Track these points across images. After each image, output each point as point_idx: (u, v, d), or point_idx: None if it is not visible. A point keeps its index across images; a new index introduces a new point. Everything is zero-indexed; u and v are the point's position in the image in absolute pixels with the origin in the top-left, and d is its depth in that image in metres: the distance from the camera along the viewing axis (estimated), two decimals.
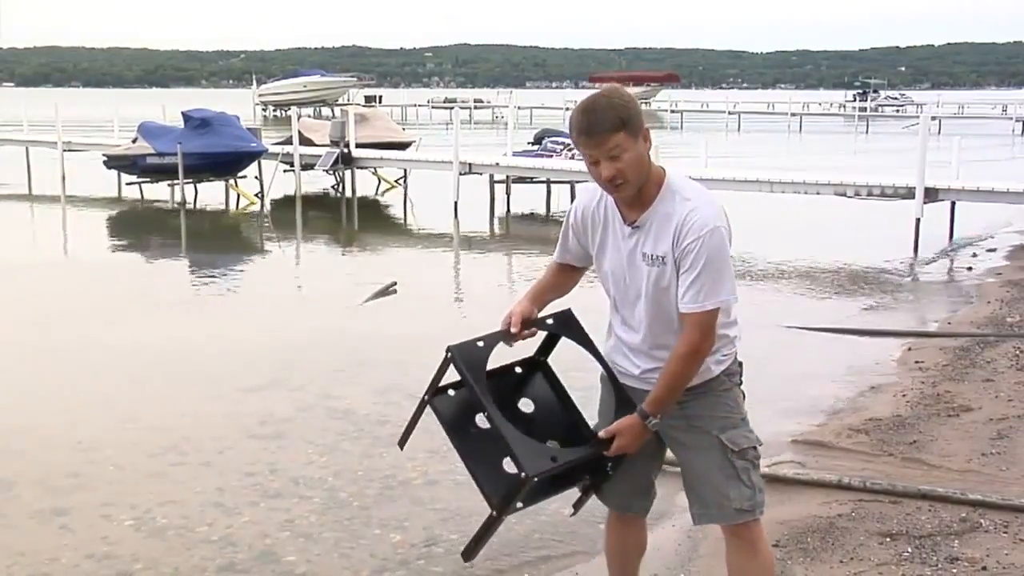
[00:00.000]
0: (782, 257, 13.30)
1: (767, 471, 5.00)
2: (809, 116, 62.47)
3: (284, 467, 5.59)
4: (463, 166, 18.81)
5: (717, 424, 2.90)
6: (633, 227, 2.84)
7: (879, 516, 4.48)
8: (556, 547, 4.49)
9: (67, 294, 10.93)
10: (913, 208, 13.98)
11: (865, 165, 25.13)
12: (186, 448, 5.91)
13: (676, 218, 2.76)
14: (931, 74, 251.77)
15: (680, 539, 4.32)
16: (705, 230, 2.72)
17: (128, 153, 21.03)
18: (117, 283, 11.66)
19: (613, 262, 2.91)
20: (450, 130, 19.65)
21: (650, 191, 2.81)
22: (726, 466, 2.88)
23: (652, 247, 2.81)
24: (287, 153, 21.37)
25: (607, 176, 2.73)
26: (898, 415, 6.11)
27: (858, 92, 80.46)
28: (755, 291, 11.11)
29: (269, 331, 9.19)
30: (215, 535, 4.69)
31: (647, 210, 2.81)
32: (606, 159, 2.71)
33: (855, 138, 46.29)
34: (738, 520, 2.92)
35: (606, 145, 2.69)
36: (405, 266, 13.01)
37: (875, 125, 55.90)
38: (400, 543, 4.60)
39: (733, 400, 2.94)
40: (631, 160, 2.71)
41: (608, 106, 2.70)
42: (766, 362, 7.58)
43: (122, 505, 5.04)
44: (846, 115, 67.07)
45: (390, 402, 6.81)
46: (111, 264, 13.48)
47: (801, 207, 17.00)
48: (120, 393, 7.17)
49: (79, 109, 48.22)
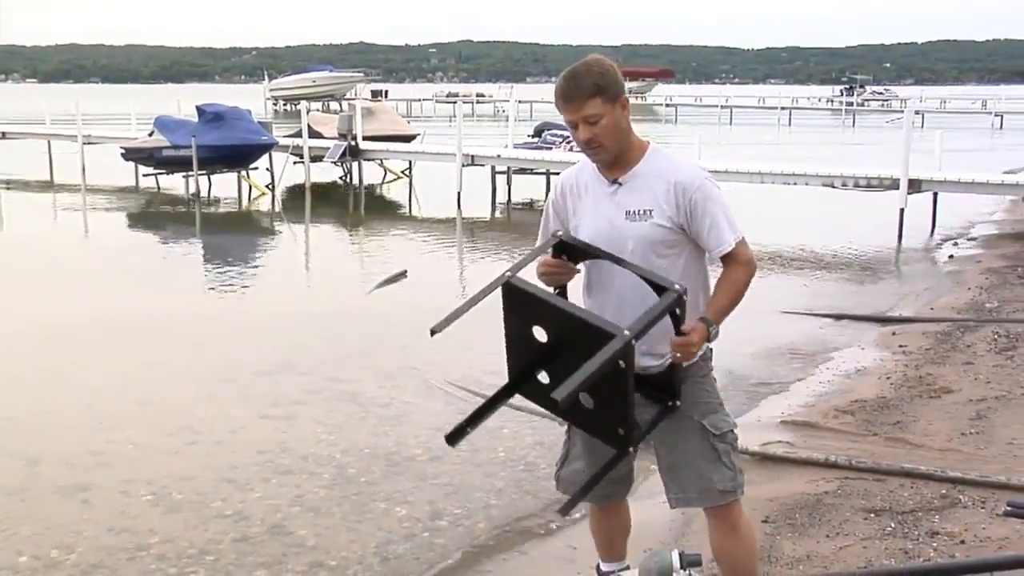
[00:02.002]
0: (772, 245, 13.28)
1: (758, 450, 5.02)
2: (798, 110, 62.31)
3: (294, 445, 5.60)
4: (466, 158, 18.76)
5: (699, 409, 2.87)
6: (616, 183, 2.82)
7: (864, 493, 4.48)
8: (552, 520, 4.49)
9: (87, 279, 10.93)
10: (897, 199, 13.96)
11: (852, 157, 25.05)
12: (200, 428, 5.92)
13: (664, 174, 2.77)
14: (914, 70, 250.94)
15: (673, 515, 4.31)
16: (700, 177, 2.77)
17: (145, 146, 21.02)
18: (134, 270, 11.65)
19: (592, 227, 2.83)
20: (453, 123, 19.61)
21: (633, 155, 2.82)
22: (708, 450, 2.86)
23: (637, 203, 2.78)
24: (297, 146, 21.32)
25: (583, 139, 2.76)
26: (883, 397, 6.11)
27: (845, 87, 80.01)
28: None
29: (280, 317, 9.19)
30: (229, 510, 4.70)
31: (630, 169, 2.81)
32: (583, 123, 2.74)
33: (842, 131, 46.17)
34: (721, 501, 2.90)
35: (583, 110, 2.72)
36: (411, 253, 12.99)
37: (861, 119, 55.73)
38: (405, 517, 4.61)
39: (711, 385, 2.92)
40: (607, 125, 2.73)
41: (586, 73, 2.73)
42: (756, 346, 7.59)
43: (140, 482, 5.06)
44: (833, 109, 66.86)
45: (397, 385, 6.82)
46: (128, 251, 13.45)
47: (790, 197, 16.98)
48: (137, 375, 7.18)
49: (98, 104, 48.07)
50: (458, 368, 7.01)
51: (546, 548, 4.24)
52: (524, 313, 2.68)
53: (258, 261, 13.46)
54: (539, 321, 2.69)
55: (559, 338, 2.68)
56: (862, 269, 11.72)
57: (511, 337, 2.77)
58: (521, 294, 2.66)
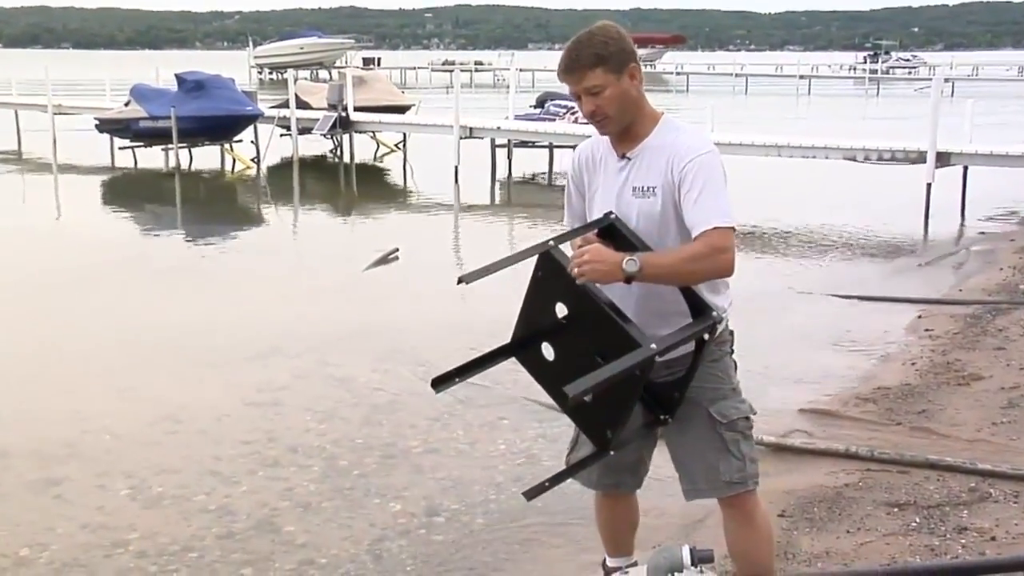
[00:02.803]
0: (790, 223, 13.28)
1: (774, 440, 5.02)
2: (818, 79, 62.10)
3: (282, 435, 5.61)
4: (464, 130, 18.71)
5: (706, 396, 2.86)
6: (624, 158, 2.82)
7: (887, 486, 4.49)
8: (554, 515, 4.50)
9: (60, 260, 10.92)
10: (924, 173, 13.90)
11: (876, 129, 25.01)
12: (182, 416, 5.93)
13: (669, 148, 2.75)
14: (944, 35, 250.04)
15: (684, 508, 4.30)
16: (702, 151, 2.71)
17: (121, 116, 20.96)
18: (110, 249, 11.64)
19: (602, 204, 2.86)
20: (450, 93, 19.54)
21: (644, 127, 2.81)
22: (714, 439, 2.86)
23: (643, 179, 2.78)
24: (284, 117, 21.26)
25: (587, 111, 2.77)
26: (907, 384, 6.12)
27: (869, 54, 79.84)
28: (762, 257, 11.10)
29: (266, 298, 9.19)
30: (213, 504, 4.71)
31: (640, 143, 2.81)
32: (585, 95, 2.74)
33: (865, 101, 46.03)
34: (729, 493, 2.90)
35: (584, 81, 2.72)
36: (405, 232, 12.98)
37: (886, 88, 55.58)
38: (400, 513, 4.62)
39: (723, 370, 2.91)
40: (611, 97, 2.72)
41: (588, 42, 2.72)
42: (771, 329, 7.59)
43: (117, 474, 5.06)
44: (856, 77, 66.69)
45: (390, 370, 6.82)
46: (104, 230, 13.45)
47: (810, 172, 16.94)
48: (114, 361, 7.18)
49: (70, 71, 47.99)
50: (457, 351, 6.99)
51: (548, 544, 4.25)
52: (553, 285, 2.75)
53: (243, 239, 13.44)
54: (565, 298, 2.75)
55: (578, 319, 2.74)
56: (886, 248, 11.71)
57: (530, 302, 2.83)
58: (558, 267, 2.72)
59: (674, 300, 2.74)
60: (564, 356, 2.80)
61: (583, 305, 2.71)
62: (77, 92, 31.97)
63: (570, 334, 2.78)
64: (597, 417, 2.77)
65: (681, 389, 2.83)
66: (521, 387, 5.63)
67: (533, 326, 2.86)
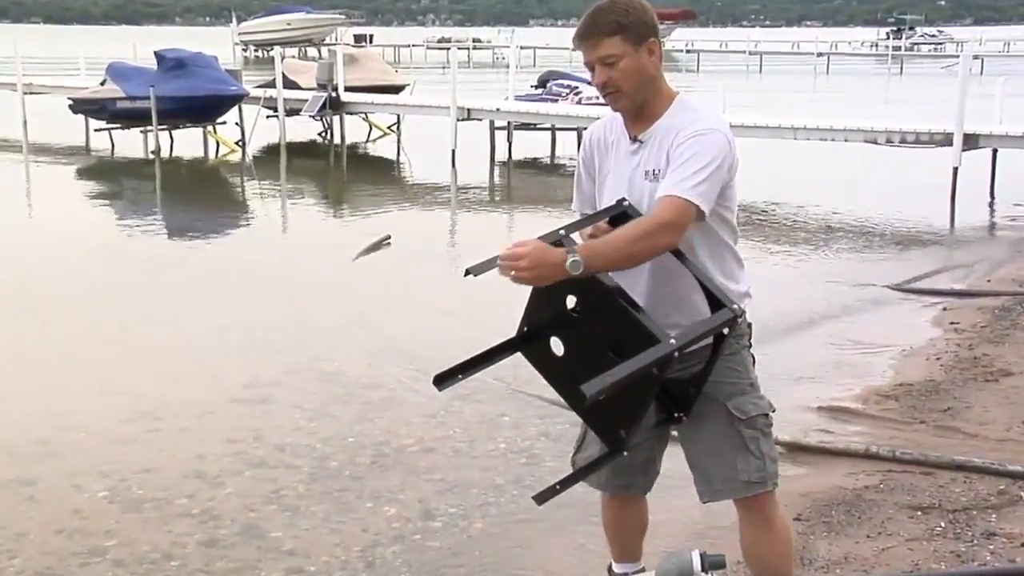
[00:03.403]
0: (805, 209, 13.27)
1: (790, 439, 5.03)
2: (838, 56, 62.05)
3: (269, 434, 5.61)
4: (461, 111, 18.71)
5: (723, 391, 2.86)
6: (636, 141, 2.82)
7: (910, 488, 4.49)
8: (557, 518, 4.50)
9: (31, 250, 10.92)
10: (951, 156, 13.90)
11: (899, 110, 24.98)
12: (164, 413, 5.93)
13: (677, 128, 2.74)
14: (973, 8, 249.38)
15: (696, 511, 4.31)
16: (703, 129, 2.69)
17: (96, 96, 20.94)
18: (85, 238, 11.64)
19: (613, 189, 2.85)
20: (447, 72, 19.53)
21: (658, 106, 2.80)
22: (732, 436, 2.86)
23: (654, 162, 2.77)
24: (270, 97, 21.25)
25: (598, 82, 2.76)
26: (931, 380, 6.12)
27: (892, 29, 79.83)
28: (775, 245, 11.09)
29: (253, 289, 9.19)
30: (195, 508, 4.71)
31: (654, 125, 2.79)
32: (599, 64, 2.73)
33: (888, 80, 45.99)
34: (747, 493, 2.90)
35: (599, 49, 2.71)
36: (399, 219, 12.98)
37: (910, 66, 55.51)
38: (395, 516, 4.62)
39: (740, 364, 2.90)
40: (627, 69, 2.71)
41: (610, 9, 2.72)
42: (787, 321, 7.59)
43: (94, 475, 5.06)
44: (878, 55, 66.57)
45: (383, 364, 6.82)
46: (78, 217, 13.44)
47: (828, 156, 16.92)
48: (91, 355, 7.19)
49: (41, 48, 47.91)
50: (455, 344, 6.99)
51: (551, 548, 4.26)
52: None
53: (227, 227, 13.44)
54: (575, 290, 2.74)
55: (588, 311, 2.74)
56: (908, 236, 11.71)
57: (537, 293, 2.82)
58: None
59: (687, 284, 2.74)
60: (574, 351, 2.79)
61: (594, 296, 2.70)
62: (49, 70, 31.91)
63: (581, 327, 2.78)
64: (610, 416, 2.76)
65: (697, 385, 2.82)
66: (522, 381, 5.63)
67: (541, 319, 2.86)
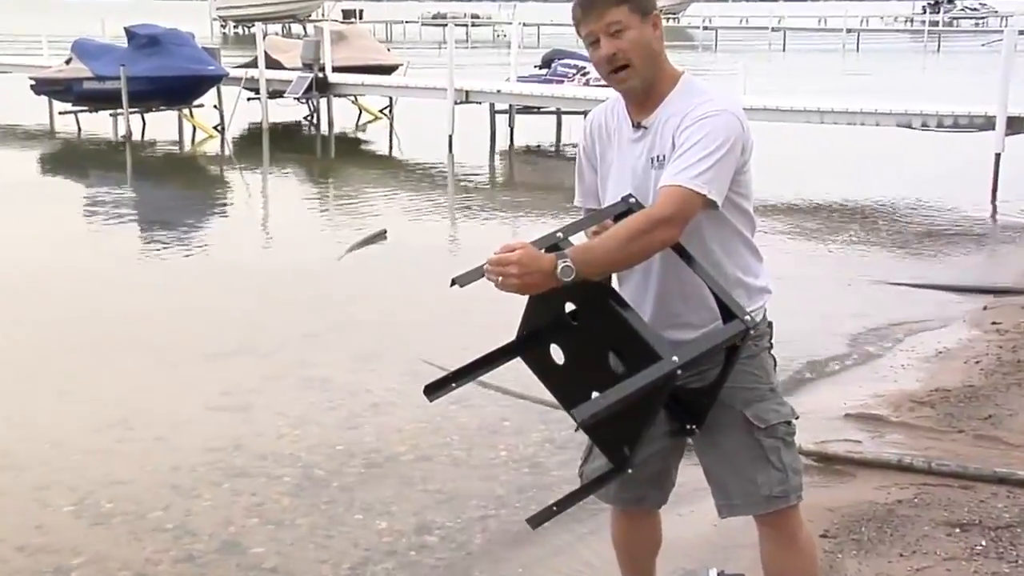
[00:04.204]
0: (832, 199, 13.26)
1: (815, 449, 5.03)
2: (868, 32, 61.98)
3: (250, 442, 5.62)
4: (459, 94, 18.70)
5: (740, 397, 2.85)
6: (640, 127, 2.81)
7: (947, 503, 4.49)
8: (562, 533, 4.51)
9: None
10: (993, 141, 13.87)
11: (935, 91, 24.95)
12: (135, 422, 5.94)
13: (683, 113, 2.72)
14: None
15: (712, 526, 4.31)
16: (711, 112, 2.67)
17: (61, 76, 20.93)
18: (49, 231, 11.63)
19: (616, 180, 2.85)
20: (444, 51, 19.52)
21: (663, 88, 2.79)
22: (752, 446, 2.86)
23: (660, 148, 2.77)
24: (251, 78, 21.25)
25: (606, 53, 2.72)
26: (970, 385, 6.12)
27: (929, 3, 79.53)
28: (801, 238, 11.09)
29: (233, 287, 9.20)
30: (170, 522, 4.72)
31: (658, 108, 2.79)
32: (606, 36, 2.71)
33: (924, 58, 45.96)
34: (768, 508, 2.90)
35: (605, 18, 2.70)
36: (392, 211, 12.98)
37: (949, 42, 55.44)
38: (387, 530, 4.63)
39: (760, 367, 2.90)
40: (635, 40, 2.71)
41: None
42: (812, 321, 7.59)
43: (60, 488, 5.07)
44: (914, 31, 66.50)
45: (374, 369, 6.84)
46: (41, 208, 13.42)
47: (857, 141, 16.91)
48: (56, 358, 7.19)
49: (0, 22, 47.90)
50: (450, 347, 7.01)
51: (556, 566, 4.26)
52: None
53: (205, 220, 13.45)
54: (574, 297, 2.75)
55: (589, 318, 2.75)
56: (945, 228, 11.70)
57: (535, 299, 2.82)
58: None
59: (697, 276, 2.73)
60: (574, 360, 2.79)
61: (593, 303, 2.72)
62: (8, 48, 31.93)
63: (580, 334, 2.78)
64: (613, 432, 2.77)
65: (711, 396, 2.82)
66: (524, 385, 5.62)
67: (539, 324, 2.87)
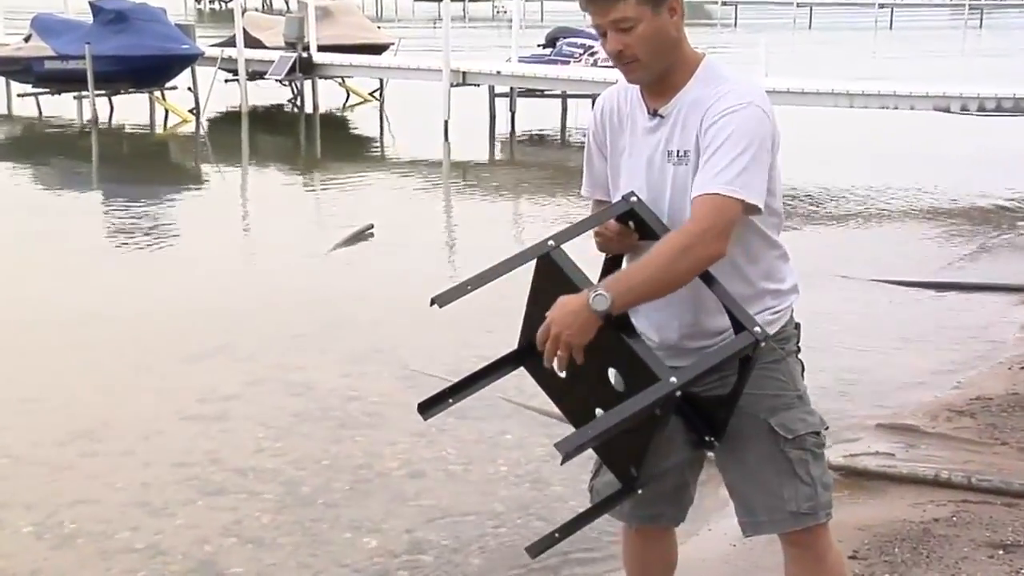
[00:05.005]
0: (863, 190, 13.27)
1: (844, 463, 5.04)
2: (902, 8, 61.95)
3: (228, 456, 5.62)
4: (455, 75, 18.71)
5: (765, 405, 2.84)
6: (656, 116, 2.80)
7: (988, 522, 4.49)
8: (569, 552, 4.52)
9: None
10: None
11: (976, 72, 24.97)
12: (103, 434, 5.94)
13: (706, 102, 2.71)
14: None
15: (732, 546, 4.33)
16: (736, 105, 2.67)
17: (19, 55, 20.89)
18: (10, 223, 11.65)
19: (629, 172, 2.85)
20: (439, 29, 19.52)
21: (681, 76, 2.78)
22: (777, 458, 2.85)
23: (678, 141, 2.76)
24: (229, 58, 21.27)
25: (612, 50, 2.73)
26: (1014, 393, 6.12)
27: None
28: (828, 233, 11.10)
29: (210, 286, 9.20)
30: (140, 542, 4.72)
31: (676, 96, 2.78)
32: (612, 30, 2.71)
33: (964, 36, 45.96)
34: (795, 526, 2.89)
35: (611, 14, 2.69)
36: (382, 203, 12.99)
37: (992, 18, 55.47)
38: (377, 549, 4.64)
39: (786, 373, 2.89)
40: (646, 34, 2.69)
41: None
42: (841, 324, 7.60)
43: (18, 507, 5.07)
44: (954, 5, 66.48)
45: (363, 373, 6.84)
46: (3, 201, 13.46)
47: (890, 126, 16.92)
48: (18, 365, 7.19)
49: None
50: (444, 352, 7.03)
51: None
52: (555, 294, 2.70)
53: (179, 212, 13.44)
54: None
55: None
56: (986, 222, 11.70)
57: (531, 312, 2.83)
58: (558, 275, 2.69)
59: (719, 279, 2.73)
60: (574, 373, 2.78)
61: None
62: None
63: None
64: (619, 451, 2.77)
65: (728, 407, 2.81)
66: (526, 395, 5.63)
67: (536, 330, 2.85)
